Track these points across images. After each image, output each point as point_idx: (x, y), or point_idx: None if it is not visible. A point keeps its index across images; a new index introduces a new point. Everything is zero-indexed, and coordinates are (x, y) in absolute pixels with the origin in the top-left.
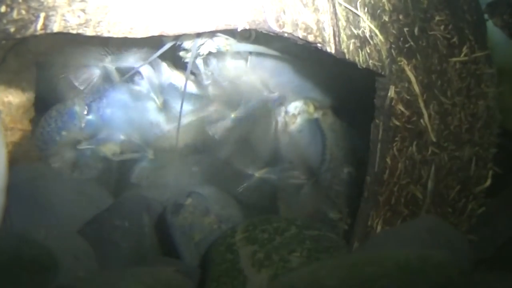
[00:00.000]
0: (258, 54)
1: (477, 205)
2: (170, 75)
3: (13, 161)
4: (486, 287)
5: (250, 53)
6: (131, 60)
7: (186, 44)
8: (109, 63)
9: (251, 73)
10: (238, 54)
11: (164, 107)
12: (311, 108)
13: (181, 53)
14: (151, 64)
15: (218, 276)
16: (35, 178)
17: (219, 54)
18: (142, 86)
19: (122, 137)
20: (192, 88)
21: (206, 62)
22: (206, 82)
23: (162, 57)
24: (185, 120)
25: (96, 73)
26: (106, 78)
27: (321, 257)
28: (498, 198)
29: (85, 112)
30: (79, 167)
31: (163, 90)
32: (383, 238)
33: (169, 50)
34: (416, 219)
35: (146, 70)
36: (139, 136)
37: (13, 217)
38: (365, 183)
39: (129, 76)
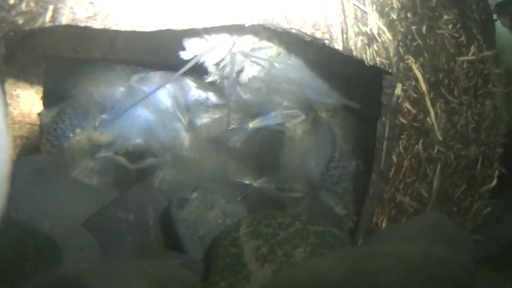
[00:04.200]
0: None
1: (482, 205)
2: (194, 90)
3: (20, 154)
4: (490, 286)
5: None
6: (156, 80)
7: (209, 60)
8: (135, 83)
9: (273, 84)
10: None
11: (189, 125)
12: (323, 112)
13: (210, 69)
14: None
15: (221, 270)
16: (41, 169)
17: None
18: (168, 104)
19: (139, 141)
20: (214, 98)
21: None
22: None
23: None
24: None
25: (121, 91)
26: (131, 97)
27: (325, 253)
28: (504, 198)
29: (100, 111)
30: (96, 174)
31: (189, 108)
32: (387, 234)
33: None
34: (420, 215)
35: (172, 88)
36: (157, 141)
37: (18, 208)
38: (371, 180)
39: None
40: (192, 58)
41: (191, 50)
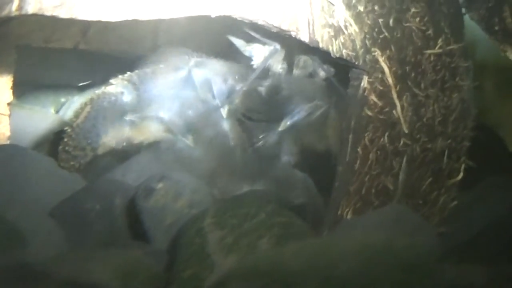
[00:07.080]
0: None
1: (449, 198)
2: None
3: None
4: (452, 275)
5: None
6: (211, 66)
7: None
8: (193, 67)
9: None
10: None
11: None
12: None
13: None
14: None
15: (185, 260)
16: (8, 158)
17: None
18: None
19: (167, 117)
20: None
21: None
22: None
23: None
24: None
25: (182, 75)
26: (186, 82)
27: (289, 243)
28: (471, 192)
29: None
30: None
31: (232, 98)
32: (350, 225)
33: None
34: (384, 207)
35: (218, 80)
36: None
37: None
38: (337, 172)
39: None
40: (261, 63)
41: (258, 56)
